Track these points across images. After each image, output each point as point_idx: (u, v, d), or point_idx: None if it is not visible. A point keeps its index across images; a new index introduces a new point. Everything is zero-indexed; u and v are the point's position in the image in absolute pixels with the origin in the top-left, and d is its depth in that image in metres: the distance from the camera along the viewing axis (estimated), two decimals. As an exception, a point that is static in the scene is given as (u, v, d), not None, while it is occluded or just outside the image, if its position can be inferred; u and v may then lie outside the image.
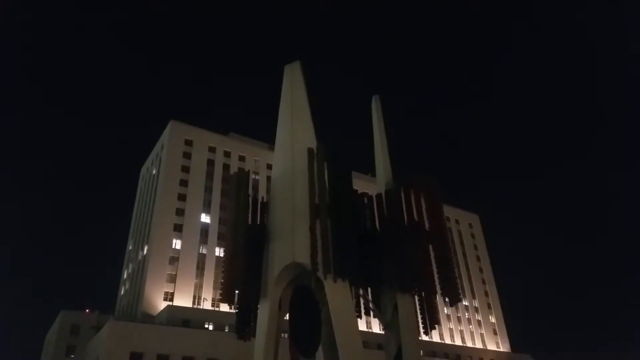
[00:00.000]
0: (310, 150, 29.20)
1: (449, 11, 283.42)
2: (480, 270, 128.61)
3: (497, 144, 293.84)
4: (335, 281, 25.51)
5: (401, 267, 28.37)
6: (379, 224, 30.49)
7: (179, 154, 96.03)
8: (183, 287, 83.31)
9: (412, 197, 30.20)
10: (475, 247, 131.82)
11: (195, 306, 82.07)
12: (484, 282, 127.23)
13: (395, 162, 34.88)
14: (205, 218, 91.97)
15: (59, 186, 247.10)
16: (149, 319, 76.66)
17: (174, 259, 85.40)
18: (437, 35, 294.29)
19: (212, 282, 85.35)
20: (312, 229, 26.72)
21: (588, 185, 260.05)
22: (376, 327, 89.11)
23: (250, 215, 30.52)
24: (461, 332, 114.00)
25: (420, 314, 29.29)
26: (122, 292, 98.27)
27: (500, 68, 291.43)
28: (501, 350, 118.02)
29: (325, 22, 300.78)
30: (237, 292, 28.92)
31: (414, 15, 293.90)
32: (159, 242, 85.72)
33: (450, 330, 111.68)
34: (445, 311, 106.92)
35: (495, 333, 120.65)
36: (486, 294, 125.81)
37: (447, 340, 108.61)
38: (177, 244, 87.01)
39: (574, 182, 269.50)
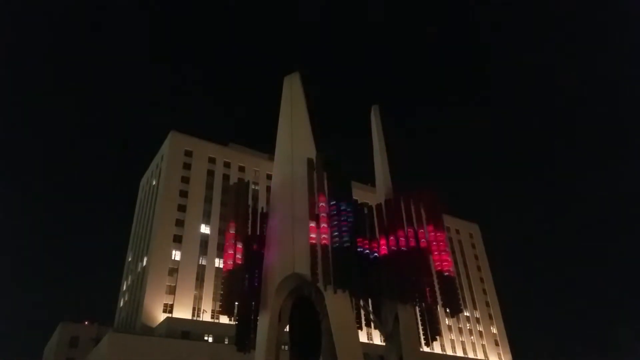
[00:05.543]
0: (309, 160, 29.26)
1: (449, 17, 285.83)
2: (481, 280, 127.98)
3: (499, 153, 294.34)
4: (335, 292, 25.42)
5: (401, 279, 28.25)
6: (378, 234, 30.43)
7: (179, 164, 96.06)
8: (182, 299, 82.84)
9: (412, 207, 30.19)
10: (476, 257, 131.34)
11: (194, 318, 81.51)
12: (485, 293, 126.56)
13: (395, 171, 34.93)
14: (205, 229, 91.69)
15: (58, 196, 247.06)
16: (148, 330, 76.11)
17: (174, 270, 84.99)
18: (436, 44, 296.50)
19: (212, 293, 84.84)
20: (312, 240, 26.65)
21: (594, 196, 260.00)
22: (377, 339, 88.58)
23: (249, 225, 30.48)
24: (462, 343, 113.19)
25: (421, 325, 29.17)
26: (122, 303, 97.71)
27: (502, 74, 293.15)
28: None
29: (326, 30, 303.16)
30: (236, 303, 28.76)
31: (414, 22, 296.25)
32: (159, 253, 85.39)
33: (452, 341, 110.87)
34: (447, 322, 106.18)
35: (497, 344, 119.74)
36: (487, 304, 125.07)
37: (449, 352, 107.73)
38: (176, 255, 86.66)
39: (580, 193, 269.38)
